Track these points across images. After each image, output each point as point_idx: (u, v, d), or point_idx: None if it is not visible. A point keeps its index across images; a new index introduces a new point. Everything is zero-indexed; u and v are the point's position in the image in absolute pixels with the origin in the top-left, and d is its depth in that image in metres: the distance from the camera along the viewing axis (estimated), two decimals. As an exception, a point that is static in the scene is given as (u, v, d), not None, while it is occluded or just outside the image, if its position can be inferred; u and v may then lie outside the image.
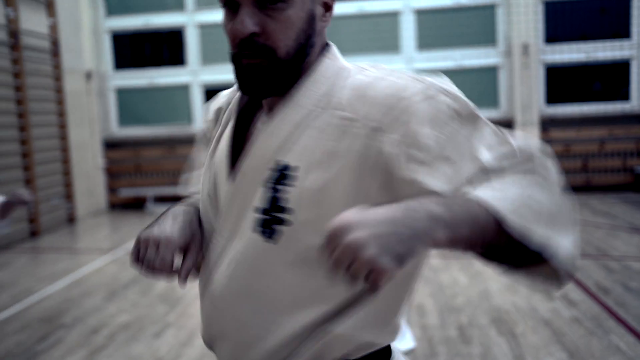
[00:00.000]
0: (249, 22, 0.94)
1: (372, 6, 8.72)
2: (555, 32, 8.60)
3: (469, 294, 4.25)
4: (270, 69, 0.97)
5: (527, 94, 8.41)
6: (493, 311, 3.86)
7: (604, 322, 3.57)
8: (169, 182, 9.07)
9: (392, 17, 8.78)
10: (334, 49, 1.09)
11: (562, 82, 8.72)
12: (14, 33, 6.92)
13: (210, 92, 9.15)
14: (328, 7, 1.07)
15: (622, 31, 8.46)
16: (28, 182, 7.10)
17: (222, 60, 9.02)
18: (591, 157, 8.49)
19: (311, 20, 1.00)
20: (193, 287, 3.89)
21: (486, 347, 3.30)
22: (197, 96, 9.13)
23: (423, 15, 8.73)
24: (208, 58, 9.07)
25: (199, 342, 3.59)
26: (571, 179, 8.53)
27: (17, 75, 6.99)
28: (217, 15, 8.92)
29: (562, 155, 8.56)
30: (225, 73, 9.02)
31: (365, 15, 8.78)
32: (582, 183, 8.52)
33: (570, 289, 4.22)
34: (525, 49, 8.35)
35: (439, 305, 4.03)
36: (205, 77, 9.08)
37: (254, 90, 0.99)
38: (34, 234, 7.17)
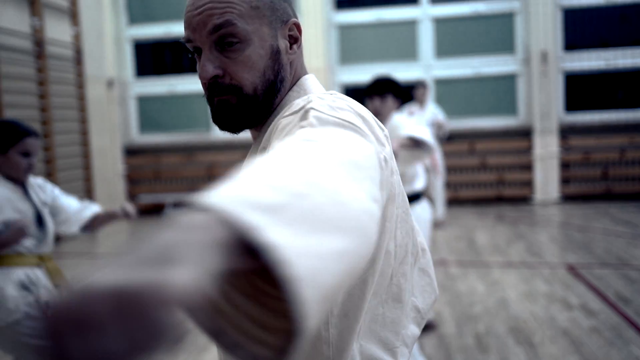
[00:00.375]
0: (209, 67, 0.99)
1: (391, 14, 8.75)
2: (574, 40, 8.55)
3: (486, 302, 4.23)
4: (240, 105, 1.02)
5: (546, 101, 8.36)
6: (511, 320, 3.84)
7: (624, 332, 3.53)
8: (188, 188, 9.15)
9: (410, 26, 8.80)
10: (307, 80, 1.09)
11: (581, 90, 8.65)
12: (39, 42, 7.07)
13: (229, 100, 9.24)
14: (294, 40, 1.08)
15: (643, 38, 8.39)
16: (50, 188, 7.22)
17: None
18: (611, 165, 8.41)
19: (275, 55, 1.02)
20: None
21: (503, 356, 3.29)
22: (216, 104, 9.21)
23: (441, 23, 8.74)
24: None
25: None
26: (591, 187, 8.45)
27: (41, 83, 7.13)
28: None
29: (582, 164, 8.49)
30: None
31: (384, 23, 8.81)
32: (603, 191, 8.43)
33: (590, 298, 4.18)
34: (544, 56, 8.31)
35: (456, 314, 4.02)
36: (224, 84, 9.16)
37: (227, 125, 1.06)
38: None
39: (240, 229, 0.52)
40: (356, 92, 8.63)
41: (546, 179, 8.46)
